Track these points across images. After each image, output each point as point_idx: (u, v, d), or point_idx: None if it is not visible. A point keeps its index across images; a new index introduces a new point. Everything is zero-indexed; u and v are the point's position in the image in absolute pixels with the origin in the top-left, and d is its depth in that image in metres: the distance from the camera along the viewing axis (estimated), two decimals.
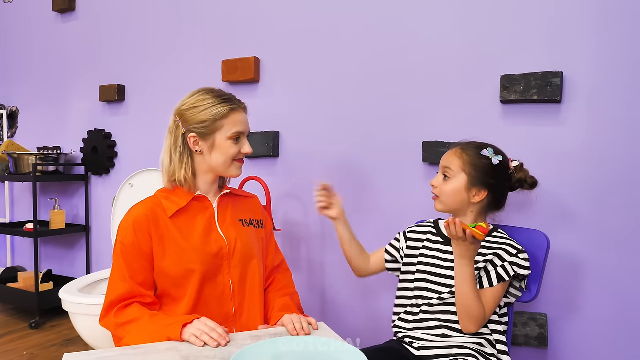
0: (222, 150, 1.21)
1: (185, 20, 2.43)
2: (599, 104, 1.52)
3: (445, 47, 1.76)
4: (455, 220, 1.05)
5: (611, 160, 1.51)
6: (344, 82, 1.98)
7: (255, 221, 1.34)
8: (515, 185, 1.25)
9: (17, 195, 3.26)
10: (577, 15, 1.54)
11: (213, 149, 1.21)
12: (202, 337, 0.99)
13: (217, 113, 1.19)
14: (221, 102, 1.21)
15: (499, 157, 1.21)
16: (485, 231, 1.02)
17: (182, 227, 1.19)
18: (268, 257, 1.37)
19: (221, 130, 1.20)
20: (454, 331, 1.17)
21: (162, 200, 1.21)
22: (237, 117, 1.22)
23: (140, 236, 1.15)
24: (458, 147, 1.25)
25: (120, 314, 1.11)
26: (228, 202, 1.29)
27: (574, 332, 1.57)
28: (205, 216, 1.23)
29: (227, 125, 1.20)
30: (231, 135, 1.21)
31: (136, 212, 1.18)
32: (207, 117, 1.19)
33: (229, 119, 1.20)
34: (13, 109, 3.23)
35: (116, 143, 2.72)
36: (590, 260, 1.54)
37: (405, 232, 1.36)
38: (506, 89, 1.61)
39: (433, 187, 1.25)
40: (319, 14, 2.04)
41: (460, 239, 1.06)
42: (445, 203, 1.23)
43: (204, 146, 1.21)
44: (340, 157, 1.99)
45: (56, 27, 2.97)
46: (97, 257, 2.84)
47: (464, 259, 1.09)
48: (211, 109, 1.19)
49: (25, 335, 2.46)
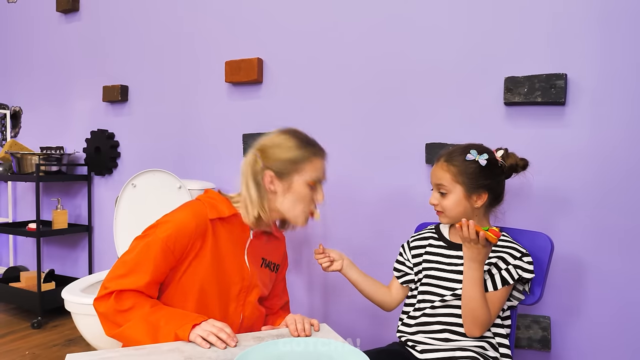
0: (297, 195, 1.16)
1: (189, 21, 2.44)
2: (603, 106, 1.52)
3: (449, 49, 1.76)
4: (468, 222, 1.04)
5: (615, 162, 1.50)
6: (347, 83, 1.98)
7: (272, 264, 1.30)
8: (510, 172, 1.23)
9: (20, 195, 3.27)
10: (581, 18, 1.54)
11: (288, 191, 1.16)
12: (209, 337, 0.97)
13: (300, 155, 1.16)
14: (306, 146, 1.17)
15: (484, 156, 1.18)
16: (498, 235, 1.02)
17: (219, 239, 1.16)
18: (274, 297, 1.36)
19: (301, 174, 1.16)
20: (457, 334, 1.17)
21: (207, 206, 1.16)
22: (319, 162, 1.19)
23: (178, 244, 1.10)
24: (442, 159, 1.22)
25: (121, 299, 1.06)
26: (262, 238, 1.26)
27: (577, 335, 1.56)
28: (239, 239, 1.20)
29: (308, 169, 1.16)
30: (311, 182, 1.17)
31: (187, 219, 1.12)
32: (288, 157, 1.15)
33: (312, 164, 1.17)
34: (16, 108, 3.24)
35: (119, 143, 2.72)
36: (593, 262, 1.54)
37: (409, 242, 1.34)
38: (510, 90, 1.60)
39: (433, 205, 1.23)
40: (322, 15, 2.04)
41: (472, 241, 1.05)
42: (451, 216, 1.21)
43: (278, 186, 1.16)
44: (343, 158, 1.99)
45: (60, 27, 2.98)
46: (99, 257, 2.85)
47: (474, 262, 1.08)
48: (295, 150, 1.16)
49: (27, 335, 2.46)
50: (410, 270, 1.31)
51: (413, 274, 1.30)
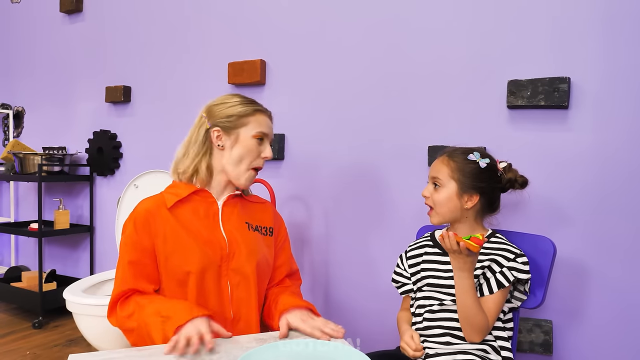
0: (244, 147, 1.21)
1: (192, 23, 2.44)
2: (606, 110, 1.52)
3: (452, 52, 1.76)
4: (448, 233, 1.05)
5: (617, 166, 1.50)
6: (349, 85, 1.98)
7: (263, 228, 1.30)
8: (506, 185, 1.23)
9: (22, 195, 3.27)
10: (584, 21, 1.54)
11: (236, 143, 1.21)
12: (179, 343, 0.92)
13: (244, 110, 1.21)
14: (249, 103, 1.23)
15: (485, 159, 1.19)
16: (480, 243, 1.01)
17: (183, 220, 1.18)
18: (282, 265, 1.33)
19: (247, 127, 1.21)
20: (458, 338, 1.16)
21: (165, 194, 1.22)
22: (263, 118, 1.24)
23: (141, 232, 1.15)
24: (445, 154, 1.24)
25: (124, 306, 1.11)
26: (236, 204, 1.27)
27: (579, 339, 1.56)
28: (208, 212, 1.22)
29: (253, 123, 1.21)
30: (256, 134, 1.21)
31: (138, 208, 1.19)
32: (233, 112, 1.21)
33: (255, 117, 1.22)
34: (19, 108, 3.25)
35: (121, 144, 2.73)
36: (595, 266, 1.53)
37: (406, 252, 1.35)
38: (513, 94, 1.60)
39: (425, 197, 1.24)
40: (325, 17, 2.04)
41: (455, 252, 1.06)
42: (440, 214, 1.22)
43: (226, 141, 1.21)
44: (345, 161, 1.99)
45: (63, 28, 2.99)
46: (100, 257, 2.85)
47: (462, 272, 1.09)
48: (238, 106, 1.21)
49: (28, 335, 2.46)
50: (407, 280, 1.31)
51: (411, 284, 1.30)
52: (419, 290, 1.25)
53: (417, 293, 1.26)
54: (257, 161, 1.24)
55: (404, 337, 1.20)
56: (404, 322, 1.27)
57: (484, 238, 1.03)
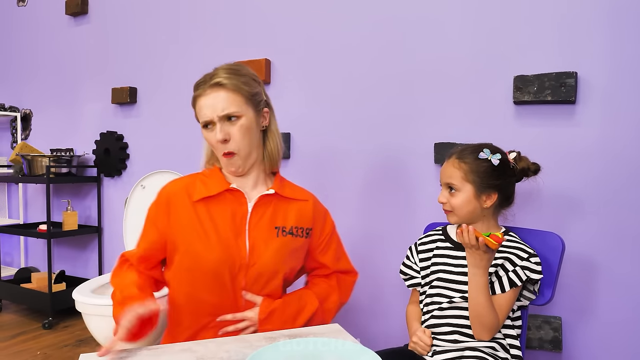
0: (204, 138, 1.15)
1: (197, 23, 2.45)
2: (613, 105, 1.50)
3: (458, 48, 1.76)
4: (468, 227, 1.03)
5: (625, 161, 1.49)
6: (354, 83, 1.98)
7: (300, 229, 1.18)
8: (521, 176, 1.22)
9: (31, 196, 3.30)
10: (591, 15, 1.53)
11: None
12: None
13: (192, 99, 1.14)
14: (196, 87, 1.13)
15: (497, 155, 1.17)
16: (500, 241, 1.01)
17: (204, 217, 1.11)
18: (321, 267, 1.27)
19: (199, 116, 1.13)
20: (466, 336, 1.16)
21: (197, 181, 1.16)
22: (204, 101, 1.10)
23: (160, 212, 1.14)
24: (454, 156, 1.20)
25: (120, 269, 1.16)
26: (270, 203, 1.16)
27: (589, 336, 1.55)
28: (237, 214, 1.13)
29: (197, 112, 1.13)
30: (202, 124, 1.13)
31: (166, 187, 1.17)
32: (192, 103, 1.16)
33: (198, 105, 1.12)
34: (27, 111, 3.27)
35: (128, 145, 2.74)
36: (604, 262, 1.52)
37: (416, 245, 1.33)
38: (519, 89, 1.59)
39: (442, 203, 1.21)
40: (329, 15, 2.04)
41: (473, 247, 1.04)
42: (459, 216, 1.19)
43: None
44: (351, 159, 1.99)
45: (69, 30, 3.01)
46: (109, 258, 2.87)
47: (478, 269, 1.07)
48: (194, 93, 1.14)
49: (39, 336, 2.48)
50: (417, 273, 1.30)
51: (420, 277, 1.29)
52: (428, 285, 1.25)
53: (426, 288, 1.25)
54: (218, 148, 1.11)
55: (416, 334, 1.19)
56: (414, 319, 1.26)
57: (503, 237, 1.02)
